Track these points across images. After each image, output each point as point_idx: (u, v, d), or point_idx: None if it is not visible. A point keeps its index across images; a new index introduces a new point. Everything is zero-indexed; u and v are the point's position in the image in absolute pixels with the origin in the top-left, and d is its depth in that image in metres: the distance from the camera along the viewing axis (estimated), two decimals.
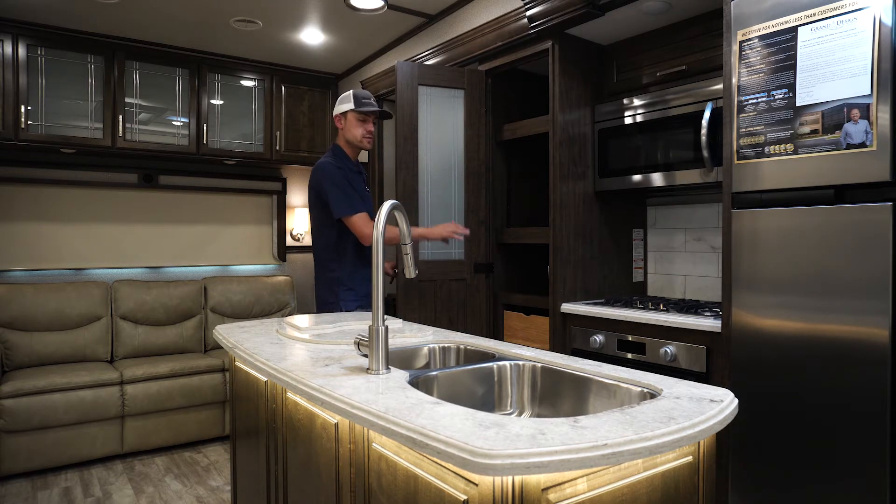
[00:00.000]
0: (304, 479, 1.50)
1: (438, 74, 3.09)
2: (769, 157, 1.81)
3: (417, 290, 2.97)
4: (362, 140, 2.61)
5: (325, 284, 2.60)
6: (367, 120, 2.60)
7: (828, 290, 1.69)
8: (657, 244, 3.00)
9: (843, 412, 1.65)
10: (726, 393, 1.17)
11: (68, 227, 4.13)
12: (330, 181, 2.50)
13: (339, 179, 2.51)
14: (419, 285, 2.97)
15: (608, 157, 2.76)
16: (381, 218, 1.38)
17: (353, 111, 2.56)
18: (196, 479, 3.22)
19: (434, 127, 3.04)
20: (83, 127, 3.84)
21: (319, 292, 2.64)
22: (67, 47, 3.78)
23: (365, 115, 2.59)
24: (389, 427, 1.01)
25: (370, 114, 2.59)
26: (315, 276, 2.66)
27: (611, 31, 2.71)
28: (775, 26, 1.79)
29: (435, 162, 3.05)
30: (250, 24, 3.76)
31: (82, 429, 3.36)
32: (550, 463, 0.85)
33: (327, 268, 2.59)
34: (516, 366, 1.54)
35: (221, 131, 4.36)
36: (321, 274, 2.62)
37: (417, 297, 2.97)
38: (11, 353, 3.59)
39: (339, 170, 2.55)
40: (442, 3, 3.47)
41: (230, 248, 4.79)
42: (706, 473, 1.12)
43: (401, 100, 2.97)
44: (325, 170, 2.53)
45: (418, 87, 3.00)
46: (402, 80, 2.97)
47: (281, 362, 1.48)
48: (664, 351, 2.23)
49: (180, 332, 4.13)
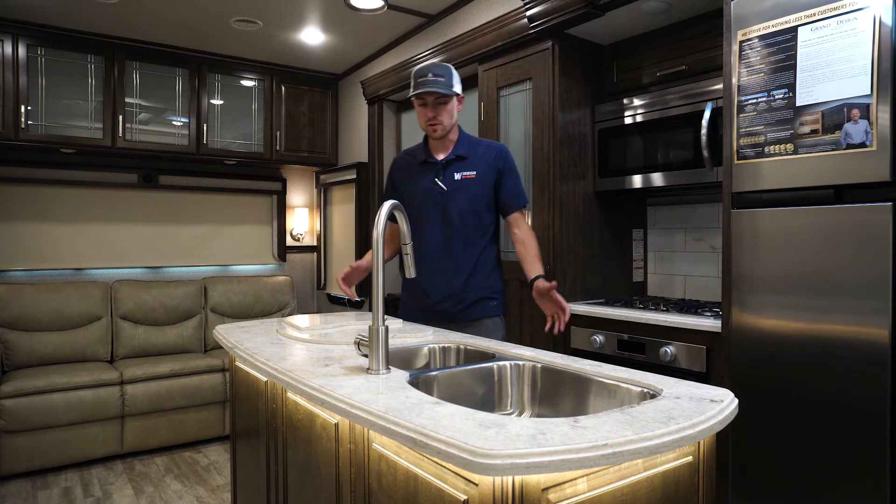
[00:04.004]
0: (304, 479, 1.50)
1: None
2: (769, 157, 1.81)
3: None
4: (427, 128, 2.15)
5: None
6: (427, 103, 2.11)
7: (828, 290, 1.69)
8: (657, 244, 3.00)
9: (843, 412, 1.65)
10: (726, 393, 1.17)
11: (68, 227, 4.13)
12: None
13: (387, 182, 2.36)
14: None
15: (608, 157, 2.76)
16: (380, 218, 1.38)
17: (411, 96, 2.13)
18: (196, 479, 3.22)
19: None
20: (83, 127, 3.84)
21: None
22: (67, 47, 3.78)
23: (421, 98, 2.11)
24: (389, 427, 1.01)
25: (425, 96, 2.10)
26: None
27: (611, 31, 2.71)
28: (775, 26, 1.79)
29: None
30: (250, 24, 3.76)
31: (82, 429, 3.36)
32: (550, 463, 0.85)
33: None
34: (516, 366, 1.54)
35: (221, 131, 4.36)
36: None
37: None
38: (11, 353, 3.59)
39: (396, 169, 2.32)
40: (442, 3, 3.47)
41: (230, 248, 4.79)
42: (706, 473, 1.12)
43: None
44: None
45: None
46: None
47: (281, 362, 1.48)
48: (664, 351, 2.23)
49: (180, 332, 4.13)
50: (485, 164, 2.16)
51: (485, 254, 2.19)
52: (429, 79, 2.06)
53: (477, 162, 2.17)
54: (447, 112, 2.11)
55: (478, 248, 2.18)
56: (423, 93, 2.07)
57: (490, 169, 2.16)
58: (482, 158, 2.17)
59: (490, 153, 2.18)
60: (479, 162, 2.17)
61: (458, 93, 2.13)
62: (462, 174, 2.15)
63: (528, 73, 2.84)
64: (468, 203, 2.15)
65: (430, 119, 2.10)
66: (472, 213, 2.15)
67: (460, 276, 2.15)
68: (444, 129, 2.13)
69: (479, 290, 2.17)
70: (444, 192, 2.15)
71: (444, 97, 2.08)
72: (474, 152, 2.19)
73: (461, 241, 2.16)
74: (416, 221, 2.21)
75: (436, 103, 2.09)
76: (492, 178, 2.16)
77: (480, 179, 2.15)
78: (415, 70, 2.12)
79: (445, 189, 2.15)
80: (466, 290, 2.16)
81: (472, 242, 2.17)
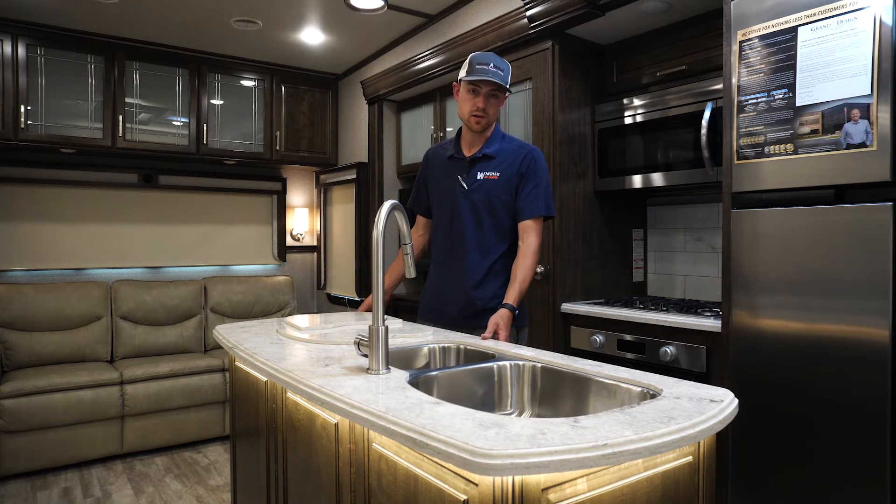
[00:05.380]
0: (304, 479, 1.50)
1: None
2: (769, 157, 1.80)
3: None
4: (469, 119, 2.02)
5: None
6: (479, 92, 1.98)
7: (828, 290, 1.69)
8: (657, 244, 3.00)
9: (843, 412, 1.65)
10: (726, 393, 1.17)
11: (68, 227, 4.13)
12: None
13: (419, 172, 2.26)
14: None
15: (608, 157, 2.76)
16: (380, 218, 1.38)
17: (464, 80, 2.00)
18: (196, 479, 3.22)
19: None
20: (83, 127, 3.84)
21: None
22: (67, 47, 3.78)
23: (475, 85, 1.98)
24: (389, 427, 1.01)
25: (481, 84, 1.97)
26: None
27: (611, 31, 2.71)
28: (775, 26, 1.79)
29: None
30: (250, 24, 3.75)
31: (82, 429, 3.36)
32: (550, 463, 0.85)
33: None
34: (516, 366, 1.54)
35: (221, 131, 4.36)
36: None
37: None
38: (11, 353, 3.59)
39: (426, 160, 2.23)
40: (442, 3, 3.47)
41: (230, 248, 4.79)
42: (706, 473, 1.12)
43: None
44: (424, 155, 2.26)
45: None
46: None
47: (281, 362, 1.48)
48: (664, 351, 2.23)
49: (180, 332, 4.13)
50: (510, 165, 2.03)
51: (501, 261, 2.06)
52: (490, 68, 1.94)
53: (503, 163, 2.04)
54: (495, 106, 2.02)
55: (493, 254, 2.05)
56: (481, 80, 1.95)
57: (514, 172, 2.02)
58: (509, 160, 2.04)
59: (518, 155, 2.04)
60: (505, 163, 2.04)
61: (510, 91, 2.06)
62: (485, 174, 2.04)
63: (528, 73, 2.84)
64: (486, 205, 2.04)
65: (477, 108, 1.98)
66: (489, 215, 2.04)
67: (470, 282, 2.05)
68: (488, 124, 2.02)
69: (490, 299, 2.03)
70: (465, 190, 2.06)
71: (499, 89, 1.99)
72: (503, 152, 2.06)
73: (476, 244, 2.05)
74: (436, 217, 2.18)
75: (489, 94, 1.98)
76: (514, 181, 2.03)
77: (503, 181, 2.03)
78: (473, 55, 1.99)
79: (466, 188, 2.05)
80: (476, 296, 2.04)
81: (488, 247, 2.05)
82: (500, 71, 1.96)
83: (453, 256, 2.10)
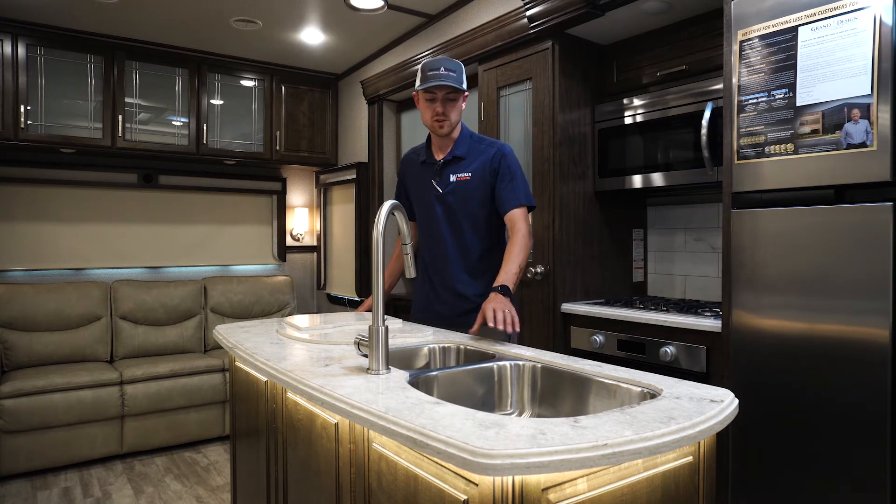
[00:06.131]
0: (304, 480, 1.50)
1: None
2: (769, 157, 1.80)
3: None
4: (433, 125, 2.06)
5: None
6: (436, 98, 2.02)
7: (828, 291, 1.69)
8: (657, 244, 3.00)
9: (843, 412, 1.65)
10: (726, 393, 1.17)
11: (68, 227, 4.13)
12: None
13: (398, 176, 2.32)
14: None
15: (608, 157, 2.76)
16: (380, 218, 1.38)
17: (419, 89, 2.03)
18: (196, 479, 3.22)
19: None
20: (83, 127, 3.84)
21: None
22: (67, 47, 3.78)
23: (431, 92, 2.02)
24: (389, 427, 1.01)
25: (435, 90, 2.01)
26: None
27: (611, 31, 2.71)
28: (775, 26, 1.79)
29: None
30: (250, 24, 3.75)
31: (82, 429, 3.36)
32: (550, 463, 0.85)
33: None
34: (516, 366, 1.54)
35: (221, 131, 4.36)
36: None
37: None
38: (11, 353, 3.59)
39: (403, 165, 2.30)
40: (442, 3, 3.47)
41: (230, 248, 4.79)
42: (706, 473, 1.12)
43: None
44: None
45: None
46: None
47: (281, 362, 1.48)
48: (664, 351, 2.23)
49: (180, 332, 4.13)
50: (481, 165, 2.07)
51: (484, 260, 2.10)
52: (441, 73, 1.96)
53: (473, 163, 2.08)
54: (455, 108, 2.05)
55: (474, 253, 2.09)
56: (434, 86, 1.98)
57: (486, 170, 2.06)
58: (479, 159, 2.08)
59: (488, 153, 2.08)
60: (475, 163, 2.08)
61: (466, 90, 2.08)
62: (457, 175, 2.09)
63: (528, 73, 2.84)
64: (462, 206, 2.08)
65: (437, 114, 2.02)
66: (466, 215, 2.08)
67: (455, 282, 2.11)
68: (451, 126, 2.06)
69: (475, 298, 2.06)
70: (439, 193, 2.11)
71: (454, 92, 2.01)
72: (473, 152, 2.10)
73: (455, 246, 2.10)
74: (418, 220, 2.24)
75: (445, 98, 2.01)
76: (488, 179, 2.06)
77: (475, 181, 2.07)
78: (424, 63, 2.01)
79: (441, 191, 2.10)
80: (460, 296, 2.09)
81: (468, 248, 2.10)
82: (452, 73, 1.98)
83: (436, 259, 2.15)
